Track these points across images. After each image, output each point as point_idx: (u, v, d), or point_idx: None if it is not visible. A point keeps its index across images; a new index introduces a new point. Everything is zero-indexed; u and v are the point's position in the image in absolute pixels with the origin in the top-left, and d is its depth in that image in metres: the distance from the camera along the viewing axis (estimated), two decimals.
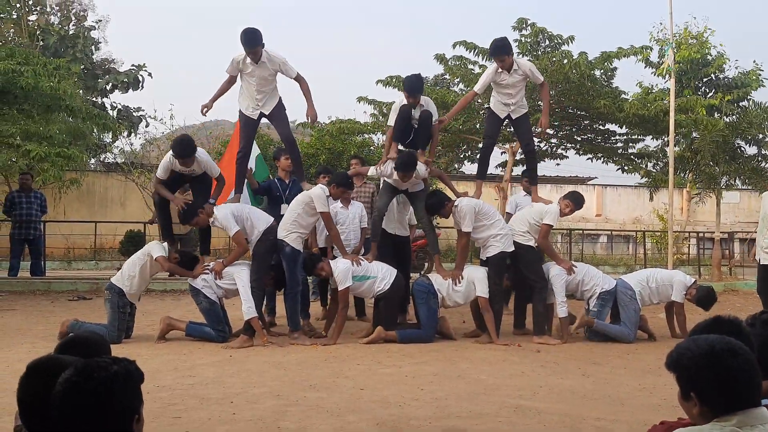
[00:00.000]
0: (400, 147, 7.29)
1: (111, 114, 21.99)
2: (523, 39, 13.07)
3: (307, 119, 7.34)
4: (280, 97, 7.30)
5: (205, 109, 7.27)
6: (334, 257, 7.04)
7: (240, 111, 7.35)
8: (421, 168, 7.04)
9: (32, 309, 8.89)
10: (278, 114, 7.29)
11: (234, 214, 6.62)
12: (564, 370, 5.59)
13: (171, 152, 6.82)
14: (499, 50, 7.29)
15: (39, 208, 11.73)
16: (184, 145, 6.72)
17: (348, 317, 7.13)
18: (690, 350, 1.93)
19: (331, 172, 8.29)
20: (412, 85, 7.15)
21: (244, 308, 6.45)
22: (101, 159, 22.89)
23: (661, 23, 14.39)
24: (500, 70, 7.32)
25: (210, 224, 6.79)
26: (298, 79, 7.18)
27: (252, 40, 6.86)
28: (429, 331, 6.78)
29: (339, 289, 6.63)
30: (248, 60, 6.96)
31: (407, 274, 7.50)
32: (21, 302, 9.50)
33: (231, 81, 7.23)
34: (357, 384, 4.91)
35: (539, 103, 12.85)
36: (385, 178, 7.19)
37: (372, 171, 7.36)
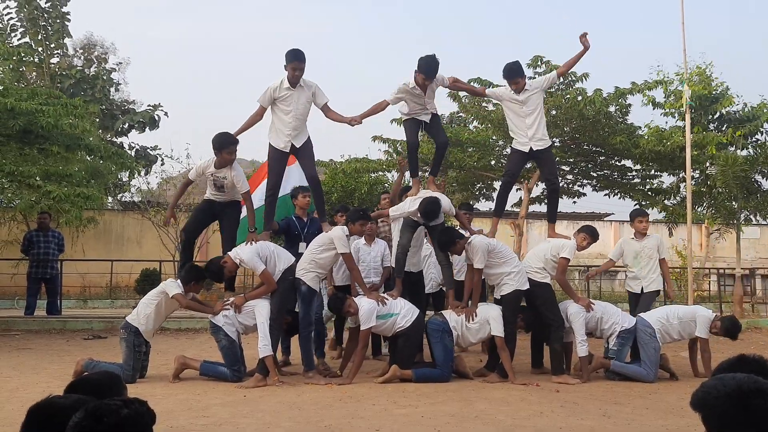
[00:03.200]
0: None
1: (129, 153, 22.25)
2: (537, 76, 13.16)
3: (352, 122, 7.19)
4: (309, 135, 7.27)
5: None
6: (357, 294, 6.99)
7: (270, 145, 7.21)
8: (445, 204, 7.08)
9: (48, 348, 8.90)
10: (306, 150, 7.24)
11: (259, 254, 6.62)
12: (584, 410, 5.46)
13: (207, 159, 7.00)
14: (513, 73, 7.31)
15: (56, 247, 11.85)
16: (224, 135, 6.86)
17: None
18: (716, 389, 1.87)
19: (349, 210, 8.27)
20: (429, 67, 6.97)
21: (259, 345, 6.41)
22: (118, 198, 23.10)
23: (659, 65, 14.33)
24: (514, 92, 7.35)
25: (238, 265, 6.77)
26: (326, 107, 7.18)
27: (300, 54, 6.88)
28: (445, 370, 6.68)
29: (362, 328, 6.57)
30: (285, 85, 6.94)
31: (422, 310, 7.39)
32: (36, 341, 9.52)
33: (259, 114, 7.13)
34: (372, 425, 4.82)
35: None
36: (407, 215, 7.17)
37: (392, 211, 7.32)
